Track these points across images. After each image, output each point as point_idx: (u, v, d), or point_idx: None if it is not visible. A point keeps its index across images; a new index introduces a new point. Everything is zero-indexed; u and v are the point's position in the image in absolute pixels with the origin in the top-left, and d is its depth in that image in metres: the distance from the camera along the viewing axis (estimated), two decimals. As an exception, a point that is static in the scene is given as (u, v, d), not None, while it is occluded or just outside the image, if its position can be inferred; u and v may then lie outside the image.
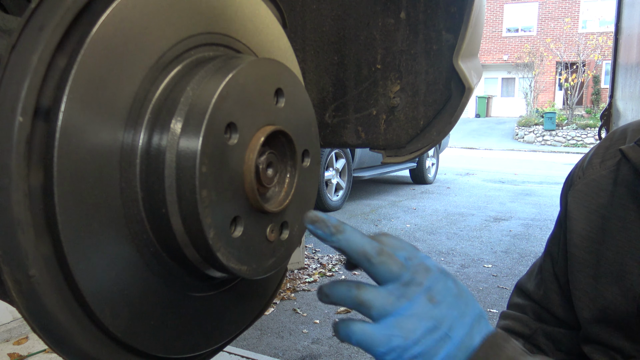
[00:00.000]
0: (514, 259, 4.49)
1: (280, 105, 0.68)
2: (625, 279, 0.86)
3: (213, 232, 0.58)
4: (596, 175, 0.94)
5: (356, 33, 1.18)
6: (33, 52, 0.49)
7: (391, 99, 1.18)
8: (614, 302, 0.87)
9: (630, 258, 0.86)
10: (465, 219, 6.20)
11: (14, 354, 2.43)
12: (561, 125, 19.24)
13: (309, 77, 1.23)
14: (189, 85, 0.60)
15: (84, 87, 0.52)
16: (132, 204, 0.58)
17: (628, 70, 3.66)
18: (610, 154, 0.94)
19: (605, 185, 0.92)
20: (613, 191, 0.90)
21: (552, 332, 1.02)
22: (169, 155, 0.57)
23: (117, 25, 0.54)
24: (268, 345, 2.81)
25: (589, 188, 0.94)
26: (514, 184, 9.20)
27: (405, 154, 1.19)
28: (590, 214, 0.93)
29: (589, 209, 0.93)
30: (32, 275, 0.50)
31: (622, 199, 0.89)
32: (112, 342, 0.59)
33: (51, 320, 0.53)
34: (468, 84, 1.10)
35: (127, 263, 0.58)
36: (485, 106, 26.48)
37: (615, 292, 0.88)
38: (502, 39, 27.30)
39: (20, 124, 0.48)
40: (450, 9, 1.11)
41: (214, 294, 0.72)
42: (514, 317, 1.08)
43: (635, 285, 0.85)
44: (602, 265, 0.90)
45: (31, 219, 0.50)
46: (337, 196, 6.56)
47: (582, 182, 0.96)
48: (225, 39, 0.69)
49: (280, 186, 0.70)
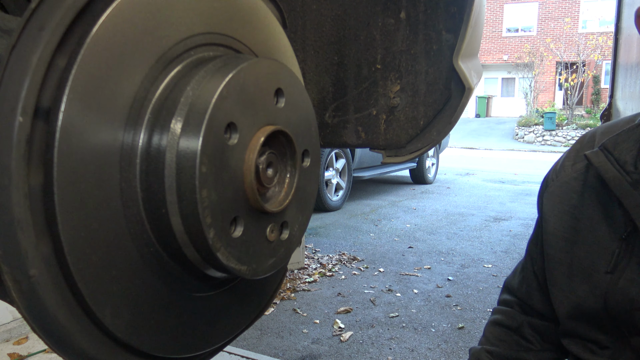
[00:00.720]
0: (514, 259, 4.49)
1: (280, 105, 0.68)
2: (592, 277, 0.91)
3: (213, 232, 0.58)
4: (568, 177, 0.98)
5: (356, 33, 1.18)
6: (33, 52, 0.49)
7: (391, 99, 1.18)
8: (585, 299, 0.92)
9: (598, 257, 0.90)
10: (465, 219, 6.20)
11: (14, 354, 2.43)
12: (561, 125, 19.23)
13: (309, 77, 1.23)
14: (189, 85, 0.60)
15: (84, 87, 0.52)
16: (132, 204, 0.58)
17: (628, 70, 3.66)
18: (581, 157, 0.98)
19: (576, 187, 0.96)
20: (582, 192, 0.95)
21: (536, 324, 1.08)
22: (169, 155, 0.57)
23: (117, 25, 0.54)
24: (268, 345, 2.81)
25: (561, 190, 0.98)
26: (514, 184, 9.20)
27: (405, 154, 1.19)
28: (563, 214, 0.97)
29: (562, 210, 0.97)
30: (32, 275, 0.50)
31: (590, 201, 0.93)
32: (112, 342, 0.59)
33: (51, 320, 0.53)
34: (468, 84, 1.10)
35: (127, 263, 0.58)
36: (485, 106, 26.47)
37: (585, 290, 0.92)
38: (502, 39, 27.29)
39: (20, 124, 0.48)
40: (450, 9, 1.11)
41: (214, 294, 0.72)
42: (503, 311, 1.14)
43: (601, 283, 0.89)
44: (574, 264, 0.95)
45: (31, 219, 0.50)
46: (337, 196, 6.56)
47: (555, 185, 1.00)
48: (225, 39, 0.69)
49: (280, 186, 0.70)
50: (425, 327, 3.07)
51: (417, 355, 2.72)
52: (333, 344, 2.83)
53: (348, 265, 4.25)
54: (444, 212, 6.55)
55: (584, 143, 1.00)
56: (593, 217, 0.92)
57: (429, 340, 2.90)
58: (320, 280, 3.87)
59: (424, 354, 2.73)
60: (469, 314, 3.28)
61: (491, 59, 27.34)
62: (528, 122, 20.12)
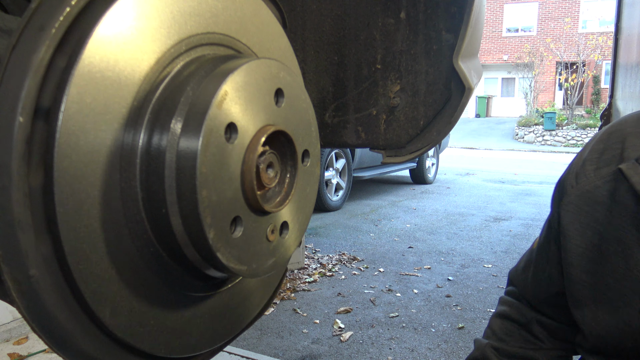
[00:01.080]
0: (514, 259, 4.49)
1: (280, 105, 0.68)
2: (622, 312, 0.79)
3: (213, 232, 0.58)
4: (590, 185, 0.84)
5: (356, 33, 1.18)
6: (33, 52, 0.49)
7: (391, 99, 1.18)
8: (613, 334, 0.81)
9: (630, 289, 0.78)
10: (465, 219, 6.20)
11: (14, 354, 2.43)
12: (561, 125, 19.24)
13: (309, 77, 1.23)
14: (189, 85, 0.60)
15: (84, 87, 0.52)
16: (132, 204, 0.58)
17: (628, 70, 3.66)
18: (605, 160, 0.84)
19: (600, 198, 0.82)
20: (610, 207, 0.81)
21: (547, 323, 1.00)
22: (169, 155, 0.57)
23: (117, 25, 0.54)
24: (268, 345, 2.81)
25: (583, 201, 0.85)
26: (514, 184, 9.20)
27: (405, 154, 1.19)
28: (585, 229, 0.84)
29: (583, 223, 0.85)
30: (32, 275, 0.50)
31: (621, 220, 0.79)
32: (112, 342, 0.59)
33: (51, 320, 0.53)
34: (468, 84, 1.10)
35: (126, 263, 0.58)
36: (485, 106, 26.48)
37: (612, 325, 0.81)
38: (502, 39, 27.30)
39: (20, 124, 0.48)
40: (450, 9, 1.11)
41: (213, 294, 0.72)
42: (510, 303, 1.06)
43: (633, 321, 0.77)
44: (599, 289, 0.83)
45: (31, 219, 0.50)
46: (337, 196, 6.56)
47: (576, 194, 0.87)
48: (226, 39, 0.69)
49: (280, 186, 0.70)
50: (425, 327, 3.07)
51: (417, 355, 2.72)
52: (333, 344, 2.83)
53: (348, 265, 4.25)
54: (444, 212, 6.55)
55: (609, 143, 0.85)
56: (625, 242, 0.79)
57: (429, 340, 2.90)
58: (320, 280, 3.87)
59: (424, 354, 2.73)
60: (469, 314, 3.28)
61: (491, 59, 27.34)
62: (528, 122, 20.13)
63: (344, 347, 2.79)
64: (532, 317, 1.02)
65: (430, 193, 8.08)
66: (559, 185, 0.94)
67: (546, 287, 0.98)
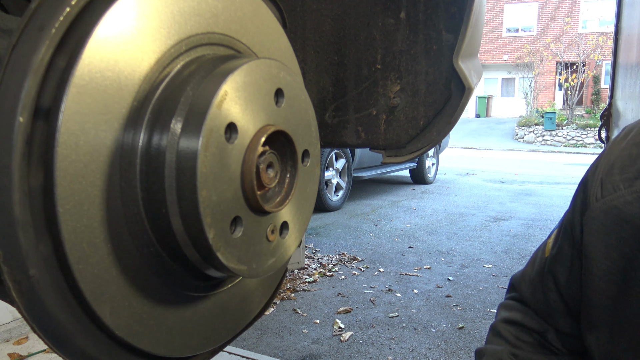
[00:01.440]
0: (514, 259, 4.49)
1: (280, 105, 0.68)
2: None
3: (213, 232, 0.58)
4: (619, 201, 0.73)
5: (356, 33, 1.18)
6: (33, 52, 0.49)
7: (391, 99, 1.18)
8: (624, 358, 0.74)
9: None
10: (465, 219, 6.20)
11: (14, 354, 2.43)
12: (561, 125, 19.25)
13: (309, 77, 1.23)
14: (189, 85, 0.60)
15: (84, 87, 0.52)
16: (132, 204, 0.58)
17: (628, 70, 3.66)
18: (637, 169, 0.73)
19: (630, 217, 0.72)
20: None
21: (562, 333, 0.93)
22: (169, 155, 0.57)
23: (117, 25, 0.54)
24: (268, 345, 2.81)
25: (610, 219, 0.75)
26: (514, 184, 9.20)
27: (405, 154, 1.19)
28: (610, 250, 0.75)
29: (608, 243, 0.75)
30: (32, 275, 0.50)
31: None
32: (112, 341, 0.59)
33: (51, 320, 0.53)
34: (468, 84, 1.09)
35: (126, 263, 0.58)
36: (485, 106, 26.49)
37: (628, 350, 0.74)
38: (502, 39, 27.30)
39: (20, 124, 0.48)
40: (450, 9, 1.11)
41: (213, 294, 0.72)
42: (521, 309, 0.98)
43: None
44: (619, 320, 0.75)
45: (31, 219, 0.50)
46: (337, 196, 6.56)
47: (601, 209, 0.76)
48: (226, 39, 0.69)
49: (280, 186, 0.70)
50: (425, 327, 3.07)
51: (417, 355, 2.72)
52: (333, 344, 2.83)
53: (348, 265, 4.25)
54: (444, 212, 6.55)
55: None
56: None
57: (429, 340, 2.90)
58: (320, 280, 3.87)
59: (424, 354, 2.73)
60: (469, 314, 3.28)
61: (491, 59, 27.34)
62: (528, 122, 20.14)
63: (344, 347, 2.79)
64: (547, 327, 0.95)
65: (430, 193, 8.08)
66: (582, 187, 0.84)
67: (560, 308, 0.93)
